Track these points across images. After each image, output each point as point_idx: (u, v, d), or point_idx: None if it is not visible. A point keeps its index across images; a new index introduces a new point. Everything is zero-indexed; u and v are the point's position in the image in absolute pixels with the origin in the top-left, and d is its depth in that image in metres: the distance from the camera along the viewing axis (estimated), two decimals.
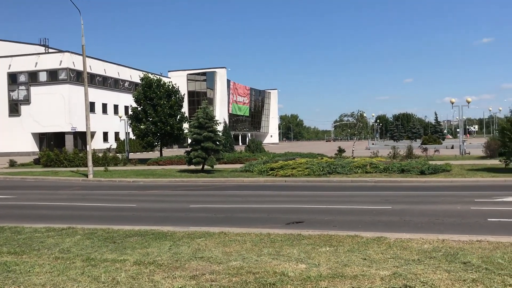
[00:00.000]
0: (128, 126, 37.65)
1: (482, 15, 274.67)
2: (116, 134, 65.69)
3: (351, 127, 40.25)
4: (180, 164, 30.67)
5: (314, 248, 7.26)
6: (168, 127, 34.34)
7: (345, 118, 42.25)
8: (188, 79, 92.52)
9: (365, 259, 6.48)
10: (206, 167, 25.02)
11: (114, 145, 60.53)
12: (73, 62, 57.32)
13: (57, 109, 55.99)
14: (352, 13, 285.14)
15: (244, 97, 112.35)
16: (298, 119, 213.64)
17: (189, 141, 25.76)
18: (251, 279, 5.61)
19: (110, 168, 28.97)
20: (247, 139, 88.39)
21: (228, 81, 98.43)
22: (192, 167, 25.49)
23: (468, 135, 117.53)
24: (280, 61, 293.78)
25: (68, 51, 57.79)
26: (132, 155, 45.37)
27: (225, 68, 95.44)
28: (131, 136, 41.55)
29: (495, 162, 24.10)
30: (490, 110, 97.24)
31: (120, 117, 46.34)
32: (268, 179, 21.42)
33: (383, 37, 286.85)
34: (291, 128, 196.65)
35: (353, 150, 34.53)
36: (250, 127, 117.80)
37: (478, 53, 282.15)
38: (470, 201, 12.95)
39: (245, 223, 10.37)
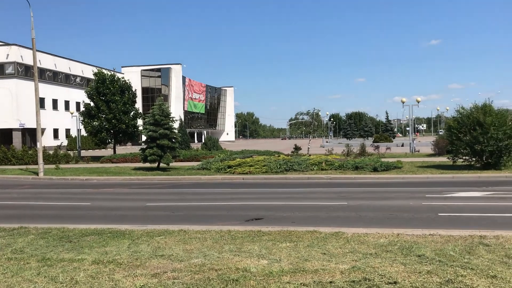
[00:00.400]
0: (80, 123, 36.57)
1: (431, 18, 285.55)
2: (67, 131, 63.57)
3: (306, 125, 40.86)
4: (134, 162, 30.12)
5: (274, 244, 7.35)
6: (123, 124, 33.64)
7: (301, 117, 42.85)
8: (142, 75, 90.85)
9: (324, 253, 6.62)
10: (162, 165, 24.70)
11: (65, 142, 58.60)
12: (21, 56, 54.93)
13: (4, 104, 53.48)
14: (306, 12, 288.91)
15: (200, 94, 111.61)
16: (254, 117, 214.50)
17: (144, 138, 25.33)
18: (214, 276, 5.61)
19: (61, 166, 28.05)
20: (203, 136, 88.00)
21: (184, 77, 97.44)
22: (148, 165, 25.10)
23: (417, 133, 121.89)
24: (237, 58, 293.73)
25: (16, 44, 55.32)
26: (84, 153, 44.08)
27: (181, 64, 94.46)
28: (83, 133, 40.29)
29: (444, 159, 25.15)
30: (438, 110, 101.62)
31: (72, 114, 44.95)
32: (226, 176, 21.41)
33: (335, 36, 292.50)
34: (247, 126, 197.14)
35: (308, 148, 35.10)
36: (206, 124, 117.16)
37: (427, 54, 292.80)
38: (421, 197, 13.47)
39: (205, 220, 10.33)
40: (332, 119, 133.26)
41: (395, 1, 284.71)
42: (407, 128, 47.25)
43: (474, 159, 21.05)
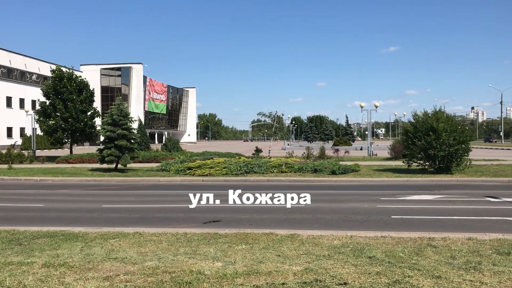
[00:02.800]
0: (35, 122, 35.40)
1: (390, 25, 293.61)
2: (22, 130, 61.45)
3: (268, 128, 41.10)
4: (92, 162, 29.43)
5: (230, 246, 7.38)
6: (81, 124, 32.83)
7: (263, 119, 43.04)
8: (101, 74, 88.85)
9: (279, 255, 6.71)
10: (119, 166, 24.26)
11: (20, 142, 56.52)
12: None
13: None
14: (269, 16, 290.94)
15: (161, 94, 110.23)
16: (216, 119, 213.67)
17: (102, 138, 24.82)
18: (167, 279, 5.58)
19: (14, 166, 27.09)
20: (164, 137, 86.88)
21: (145, 77, 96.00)
22: (105, 165, 24.60)
23: (374, 137, 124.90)
24: (200, 59, 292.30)
25: None
26: (39, 153, 42.70)
27: (142, 64, 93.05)
28: (39, 132, 39.01)
29: (399, 163, 25.89)
30: (395, 115, 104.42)
31: (27, 112, 43.40)
32: (186, 178, 21.26)
33: (298, 40, 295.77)
34: (210, 127, 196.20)
35: (269, 150, 35.33)
36: (167, 125, 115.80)
37: (385, 60, 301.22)
38: (376, 200, 13.83)
39: (162, 223, 10.26)
40: (293, 122, 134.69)
41: (355, 8, 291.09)
42: (366, 132, 48.42)
43: (427, 163, 21.79)
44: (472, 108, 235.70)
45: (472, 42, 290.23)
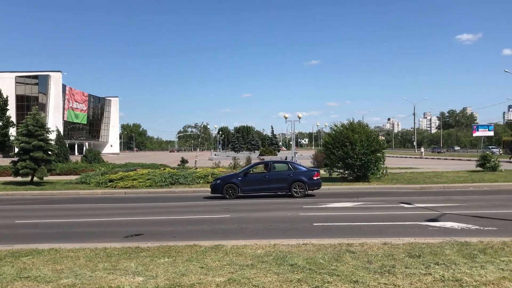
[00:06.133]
0: None
1: (311, 39, 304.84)
2: None
3: (194, 138, 40.79)
4: (4, 175, 27.57)
5: (152, 260, 7.20)
6: None
7: (189, 129, 42.70)
8: (17, 82, 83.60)
9: (202, 267, 6.64)
10: (35, 179, 22.91)
11: None
12: None
13: None
14: (194, 26, 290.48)
15: (82, 103, 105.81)
16: (141, 129, 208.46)
17: (17, 150, 23.31)
18: None
19: None
20: (84, 148, 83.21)
21: (64, 86, 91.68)
22: (19, 178, 23.11)
23: (296, 147, 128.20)
24: (122, 68, 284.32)
25: None
26: None
27: (61, 72, 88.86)
28: None
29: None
30: (317, 125, 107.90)
31: None
32: (107, 191, 20.50)
33: (224, 51, 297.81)
34: (134, 137, 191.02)
35: (196, 161, 35.04)
36: (88, 135, 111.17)
37: (308, 73, 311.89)
38: (299, 208, 14.17)
39: (80, 238, 9.79)
40: (220, 133, 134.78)
41: (279, 21, 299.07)
42: (291, 142, 49.66)
43: (347, 172, 22.74)
44: (388, 119, 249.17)
45: (388, 57, 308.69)
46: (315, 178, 17.84)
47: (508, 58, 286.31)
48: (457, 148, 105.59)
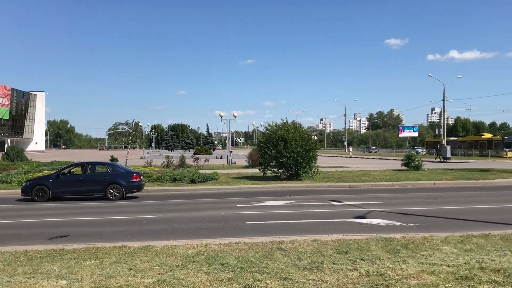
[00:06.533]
0: None
1: (246, 38, 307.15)
2: None
3: (125, 136, 39.64)
4: None
5: (78, 263, 6.88)
6: None
7: (120, 127, 41.44)
8: None
9: (131, 269, 6.44)
10: None
11: None
12: None
13: None
14: (128, 20, 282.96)
15: (4, 98, 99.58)
16: (69, 125, 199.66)
17: None
18: None
19: None
20: (6, 145, 78.31)
21: None
22: None
23: (232, 146, 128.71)
24: (49, 62, 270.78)
25: None
26: None
27: None
28: None
29: (256, 171, 26.99)
30: (253, 124, 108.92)
31: None
32: None
33: (159, 47, 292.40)
34: (61, 135, 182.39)
35: (126, 159, 34.07)
36: (10, 132, 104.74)
37: (244, 72, 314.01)
38: (232, 207, 14.18)
39: None
40: (154, 130, 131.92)
41: (215, 20, 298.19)
42: (227, 141, 49.58)
43: (280, 170, 23.08)
44: (321, 119, 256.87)
45: (321, 59, 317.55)
46: (134, 180, 17.45)
47: (432, 63, 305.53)
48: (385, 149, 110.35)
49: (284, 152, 21.64)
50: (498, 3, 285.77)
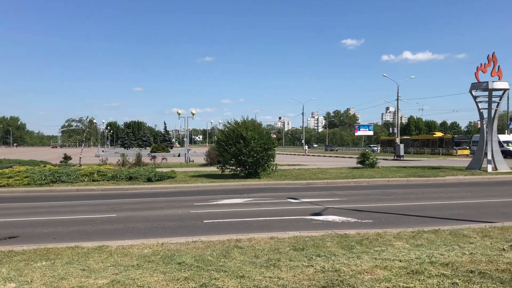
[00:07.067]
0: None
1: (203, 35, 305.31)
2: None
3: (79, 133, 38.50)
4: None
5: (28, 264, 6.64)
6: None
7: (73, 124, 40.22)
8: None
9: (84, 269, 6.27)
10: None
11: None
12: None
13: None
14: (81, 14, 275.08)
15: None
16: (19, 122, 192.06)
17: None
18: None
19: None
20: None
21: None
22: None
23: (189, 144, 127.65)
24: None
25: None
26: None
27: None
28: None
29: (214, 169, 26.88)
30: (211, 122, 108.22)
31: None
32: None
33: (112, 41, 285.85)
34: (11, 132, 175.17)
35: (80, 157, 33.16)
36: None
37: (202, 70, 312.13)
38: (190, 205, 14.06)
39: None
40: (109, 128, 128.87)
41: (171, 15, 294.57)
42: (185, 139, 49.18)
43: (239, 169, 23.10)
44: (280, 117, 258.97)
45: (278, 58, 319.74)
46: None
47: (387, 63, 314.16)
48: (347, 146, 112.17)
49: (244, 150, 21.66)
50: (450, 5, 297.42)
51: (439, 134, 71.72)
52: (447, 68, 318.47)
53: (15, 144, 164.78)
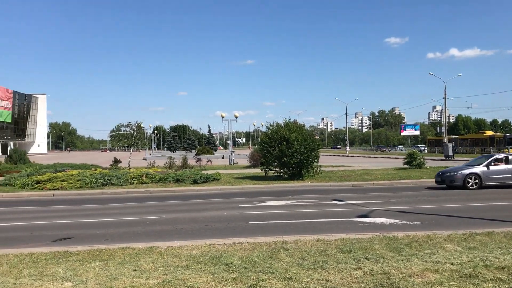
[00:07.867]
0: None
1: (245, 39, 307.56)
2: None
3: (128, 138, 39.68)
4: None
5: (82, 264, 6.91)
6: None
7: (122, 128, 41.52)
8: None
9: (135, 270, 6.47)
10: None
11: None
12: None
13: None
14: (128, 20, 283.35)
15: (6, 101, 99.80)
16: (71, 128, 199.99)
17: None
18: None
19: None
20: (9, 148, 78.52)
21: None
22: None
23: (233, 146, 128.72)
24: (50, 63, 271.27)
25: None
26: None
27: None
28: None
29: (258, 171, 27.00)
30: (254, 125, 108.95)
31: None
32: (33, 193, 19.42)
33: (158, 50, 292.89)
34: (63, 137, 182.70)
35: (129, 161, 34.15)
36: (12, 135, 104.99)
37: (244, 73, 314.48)
38: (235, 207, 14.20)
39: (3, 244, 9.17)
40: (156, 132, 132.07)
41: (211, 19, 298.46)
42: (228, 141, 49.81)
43: (282, 170, 23.10)
44: (322, 118, 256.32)
45: (321, 58, 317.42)
46: None
47: (432, 61, 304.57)
48: (400, 147, 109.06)
49: (286, 152, 21.65)
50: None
51: (489, 132, 69.01)
52: (497, 64, 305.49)
53: (68, 148, 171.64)
